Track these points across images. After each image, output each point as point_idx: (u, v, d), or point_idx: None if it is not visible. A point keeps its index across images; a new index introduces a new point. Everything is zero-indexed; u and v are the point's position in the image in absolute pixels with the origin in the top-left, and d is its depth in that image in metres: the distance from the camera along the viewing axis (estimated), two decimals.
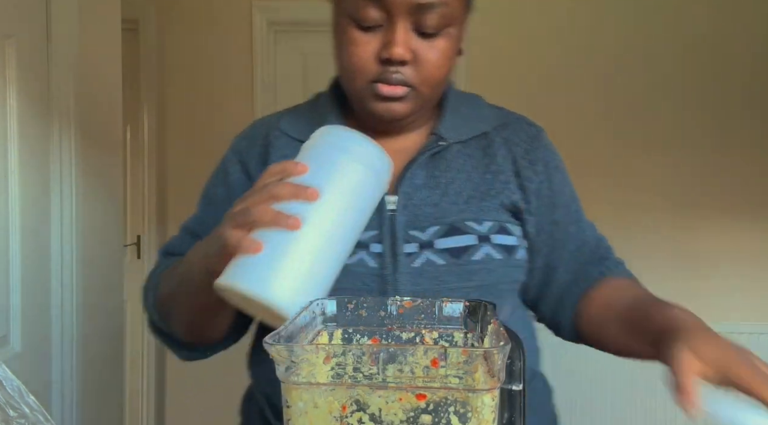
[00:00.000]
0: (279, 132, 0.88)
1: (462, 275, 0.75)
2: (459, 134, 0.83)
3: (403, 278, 0.74)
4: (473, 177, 0.81)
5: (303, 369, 0.46)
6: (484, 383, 0.45)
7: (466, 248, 0.75)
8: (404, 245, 0.76)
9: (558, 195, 0.84)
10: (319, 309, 0.61)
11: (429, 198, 0.79)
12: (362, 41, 0.74)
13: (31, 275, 1.40)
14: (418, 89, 0.75)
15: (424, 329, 0.62)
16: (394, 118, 0.78)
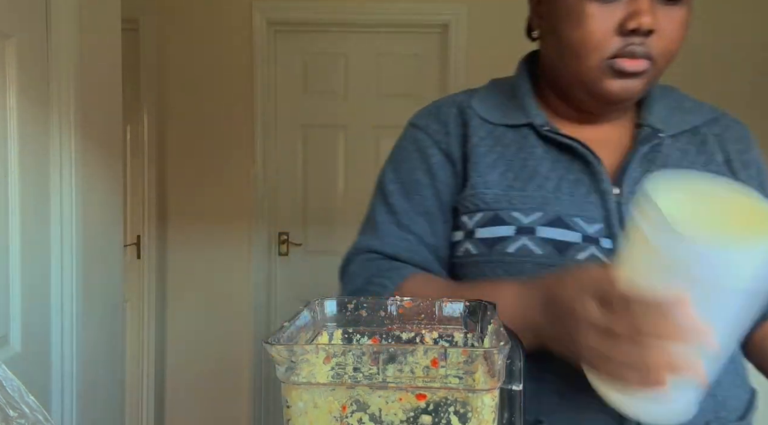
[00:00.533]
0: (471, 111, 0.82)
1: None
2: (669, 127, 0.77)
3: None
4: (693, 172, 0.74)
5: (303, 369, 0.46)
6: (484, 383, 0.45)
7: None
8: None
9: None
10: (319, 309, 0.61)
11: None
12: (601, 15, 0.68)
13: (31, 276, 1.40)
14: (656, 63, 0.70)
15: (424, 329, 0.62)
16: (629, 97, 0.72)
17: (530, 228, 0.71)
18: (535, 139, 0.77)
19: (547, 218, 0.71)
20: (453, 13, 2.70)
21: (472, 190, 0.76)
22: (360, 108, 2.82)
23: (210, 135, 2.78)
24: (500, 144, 0.78)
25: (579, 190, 0.73)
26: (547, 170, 0.75)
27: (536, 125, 0.76)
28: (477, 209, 0.75)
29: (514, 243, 0.71)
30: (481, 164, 0.77)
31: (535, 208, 0.72)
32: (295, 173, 2.86)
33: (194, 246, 2.80)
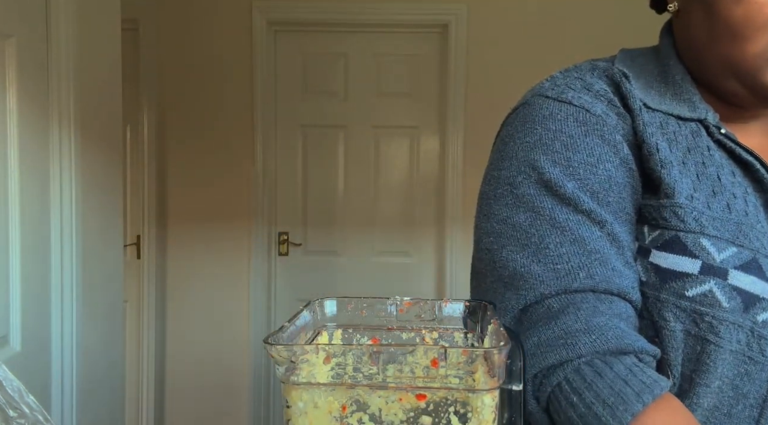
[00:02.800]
0: (631, 89, 0.61)
1: None
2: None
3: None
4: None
5: (303, 369, 0.46)
6: (484, 383, 0.45)
7: None
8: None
9: None
10: (319, 309, 0.61)
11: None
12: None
13: (31, 276, 1.40)
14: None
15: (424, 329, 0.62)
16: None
17: (722, 270, 0.53)
18: (707, 139, 0.59)
19: (742, 259, 0.53)
20: (453, 13, 2.70)
21: (671, 199, 0.56)
22: (360, 108, 2.82)
23: (210, 135, 2.78)
24: (674, 141, 0.59)
25: (761, 215, 0.56)
26: (732, 185, 0.57)
27: (710, 123, 0.59)
28: (657, 226, 0.57)
29: (697, 286, 0.53)
30: (666, 176, 0.57)
31: (730, 240, 0.54)
32: (295, 173, 2.86)
33: (194, 246, 2.80)
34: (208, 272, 2.81)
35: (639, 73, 0.64)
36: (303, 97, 2.84)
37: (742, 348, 0.52)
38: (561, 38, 2.68)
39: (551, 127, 0.60)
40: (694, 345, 0.53)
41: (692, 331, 0.53)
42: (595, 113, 0.60)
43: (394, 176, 2.82)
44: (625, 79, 0.61)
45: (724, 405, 0.54)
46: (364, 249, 2.81)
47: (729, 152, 0.59)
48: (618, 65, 0.64)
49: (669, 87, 0.62)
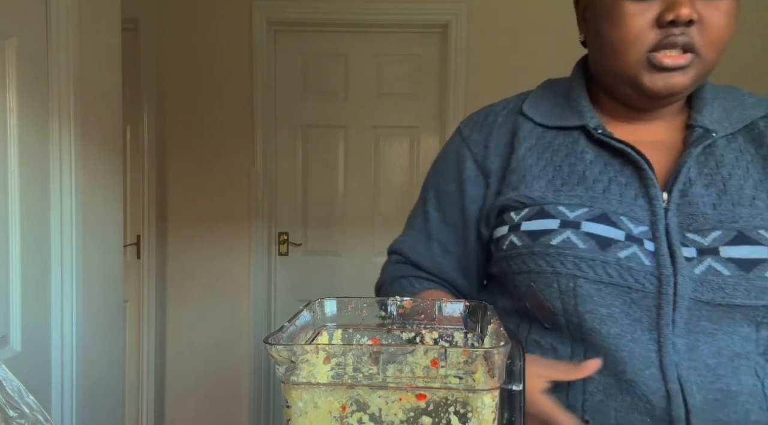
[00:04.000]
0: (523, 118, 0.83)
1: (750, 291, 0.65)
2: (724, 126, 0.75)
3: (685, 283, 0.67)
4: (752, 173, 0.72)
5: (303, 369, 0.46)
6: (484, 383, 0.45)
7: (758, 261, 0.66)
8: (682, 248, 0.68)
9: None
10: (319, 309, 0.61)
11: (706, 198, 0.71)
12: (637, 11, 0.69)
13: (31, 276, 1.40)
14: (702, 56, 0.69)
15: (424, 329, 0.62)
16: (673, 92, 0.72)
17: (575, 223, 0.71)
18: (585, 143, 0.77)
19: (592, 214, 0.71)
20: (453, 13, 2.70)
21: (513, 192, 0.77)
22: (360, 108, 2.82)
23: (210, 135, 2.78)
24: (549, 149, 0.78)
25: (628, 193, 0.73)
26: (597, 174, 0.75)
27: (590, 127, 0.76)
28: (524, 206, 0.76)
29: (557, 236, 0.71)
30: (526, 174, 0.78)
31: (581, 204, 0.73)
32: (295, 173, 2.86)
33: (194, 246, 2.80)
34: (208, 272, 2.81)
35: (547, 97, 0.84)
36: (303, 97, 2.84)
37: (615, 280, 0.68)
38: (560, 38, 2.68)
39: (444, 149, 0.91)
40: (567, 281, 0.70)
41: (561, 271, 0.70)
42: (467, 143, 0.86)
43: (394, 176, 2.82)
44: (518, 112, 0.83)
45: (626, 332, 0.68)
46: (364, 249, 2.81)
47: (610, 148, 0.75)
48: (533, 94, 0.86)
49: (567, 104, 0.81)
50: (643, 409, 0.67)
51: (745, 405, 0.66)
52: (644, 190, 0.72)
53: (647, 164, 0.73)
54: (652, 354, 0.67)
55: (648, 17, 0.69)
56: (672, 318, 0.67)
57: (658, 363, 0.67)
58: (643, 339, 0.68)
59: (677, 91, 0.72)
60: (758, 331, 0.67)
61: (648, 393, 0.67)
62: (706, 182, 0.71)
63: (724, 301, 0.66)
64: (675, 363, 0.66)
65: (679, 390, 0.66)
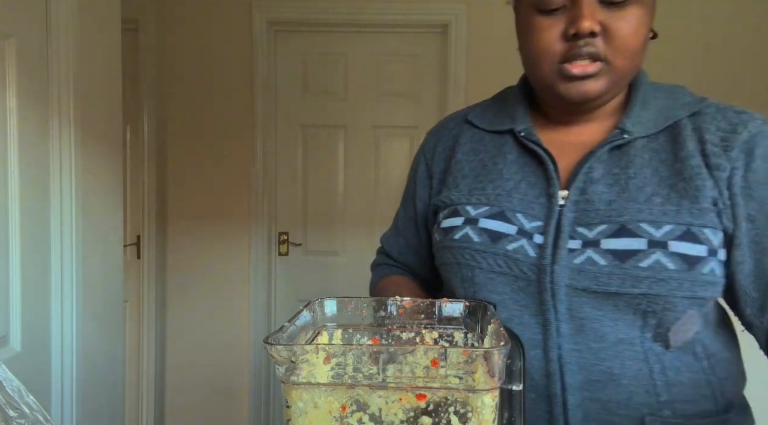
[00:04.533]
0: (467, 125, 0.90)
1: (626, 280, 0.69)
2: (645, 128, 0.77)
3: (561, 271, 0.72)
4: (661, 172, 0.74)
5: (303, 369, 0.46)
6: (484, 383, 0.45)
7: (634, 252, 0.70)
8: (569, 240, 0.73)
9: (757, 187, 0.72)
10: (319, 309, 0.61)
11: (604, 195, 0.75)
12: (547, 25, 0.74)
13: (31, 276, 1.40)
14: (611, 63, 0.73)
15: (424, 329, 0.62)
16: (587, 99, 0.76)
17: (475, 219, 0.80)
18: (512, 144, 0.84)
19: (491, 212, 0.79)
20: (453, 13, 2.70)
21: (446, 192, 0.87)
22: (360, 108, 2.82)
23: (210, 135, 2.78)
24: (483, 151, 0.86)
25: (533, 191, 0.79)
26: (512, 173, 0.82)
27: (516, 130, 0.83)
28: (446, 206, 0.86)
29: (459, 231, 0.80)
30: (458, 175, 0.86)
31: (485, 203, 0.81)
32: (295, 173, 2.86)
33: (194, 246, 2.80)
34: (208, 272, 2.81)
35: (493, 104, 0.92)
36: (303, 97, 2.84)
37: (503, 270, 0.76)
38: None
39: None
40: (467, 271, 0.79)
41: (461, 261, 0.79)
42: (424, 147, 0.95)
43: (394, 176, 2.82)
44: (465, 120, 0.91)
45: (515, 316, 0.75)
46: (364, 249, 2.81)
47: (529, 149, 0.82)
48: (485, 102, 0.94)
49: (505, 109, 0.88)
50: (529, 386, 0.73)
51: (628, 388, 0.71)
52: (547, 188, 0.78)
53: (552, 164, 0.78)
54: (538, 337, 0.73)
55: (556, 30, 0.74)
56: (553, 304, 0.73)
57: (543, 345, 0.73)
58: (531, 323, 0.74)
59: (592, 98, 0.76)
60: (644, 319, 0.70)
61: (532, 371, 0.73)
62: (611, 181, 0.75)
63: (600, 289, 0.70)
64: (558, 345, 0.72)
65: (558, 370, 0.72)
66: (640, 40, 0.73)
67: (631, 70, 0.76)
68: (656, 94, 0.81)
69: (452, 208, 0.83)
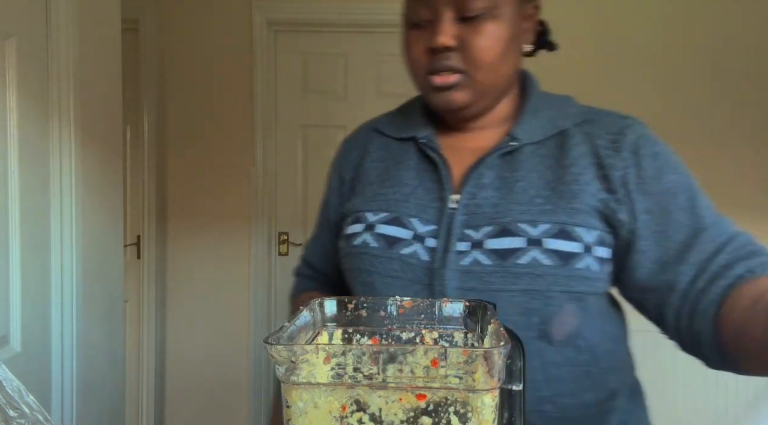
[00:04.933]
0: (376, 133, 0.94)
1: (507, 278, 0.73)
2: (534, 135, 0.81)
3: (450, 275, 0.75)
4: (545, 176, 0.78)
5: (303, 369, 0.46)
6: (484, 383, 0.45)
7: (513, 250, 0.73)
8: (458, 243, 0.76)
9: (651, 182, 0.76)
10: (319, 309, 0.61)
11: (492, 198, 0.78)
12: (415, 39, 0.80)
13: (31, 276, 1.40)
14: (470, 75, 0.77)
15: (424, 329, 0.62)
16: (454, 107, 0.80)
17: (372, 225, 0.82)
18: (414, 151, 0.87)
19: (388, 218, 0.82)
20: None
21: (353, 199, 0.89)
22: (360, 108, 2.82)
23: (210, 135, 2.78)
24: (389, 158, 0.89)
25: (429, 196, 0.82)
26: (411, 179, 0.85)
27: (417, 138, 0.86)
28: (350, 213, 0.88)
29: (359, 238, 0.82)
30: (365, 182, 0.89)
31: (384, 209, 0.83)
32: (295, 173, 2.86)
33: (194, 246, 2.80)
34: (208, 272, 2.81)
35: (399, 112, 0.95)
36: (303, 97, 2.84)
37: (399, 274, 0.79)
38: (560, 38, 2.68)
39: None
40: (366, 276, 0.81)
41: (360, 266, 0.81)
42: (337, 156, 0.98)
43: None
44: (374, 129, 0.94)
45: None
46: None
47: (426, 154, 0.85)
48: (392, 110, 0.96)
49: (410, 119, 0.91)
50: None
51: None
52: (440, 192, 0.81)
53: (445, 169, 0.82)
54: None
55: (423, 44, 0.79)
56: None
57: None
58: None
59: (458, 107, 0.80)
60: (528, 317, 0.73)
61: None
62: (498, 185, 0.79)
63: (485, 288, 0.73)
64: None
65: None
66: (497, 53, 0.77)
67: (494, 81, 0.80)
68: (546, 103, 0.86)
69: (355, 215, 0.86)
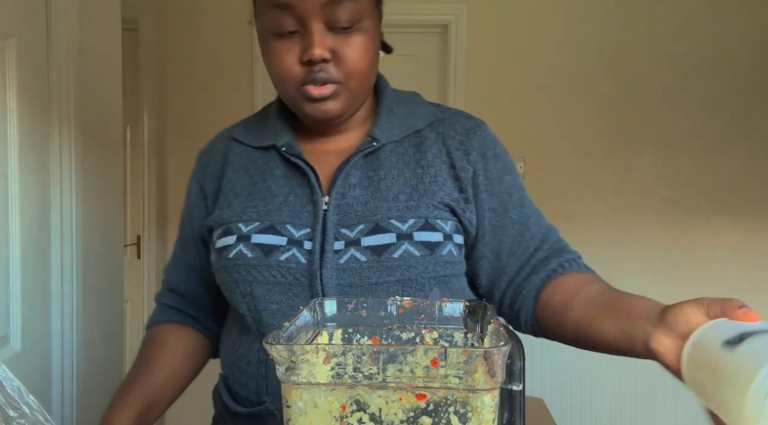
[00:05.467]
0: (234, 142, 0.92)
1: (383, 271, 0.77)
2: (392, 135, 0.85)
3: (329, 274, 0.77)
4: (405, 173, 0.83)
5: (303, 369, 0.46)
6: (484, 383, 0.45)
7: (387, 245, 0.77)
8: (334, 242, 0.79)
9: (495, 183, 0.85)
10: (319, 309, 0.61)
11: (361, 197, 0.81)
12: (284, 49, 0.78)
13: (31, 276, 1.40)
14: (344, 84, 0.79)
15: (424, 329, 0.62)
16: (329, 117, 0.81)
17: (247, 236, 0.81)
18: (277, 159, 0.87)
19: (262, 227, 0.81)
20: (453, 13, 2.70)
21: (219, 211, 0.87)
22: None
23: (210, 135, 2.77)
24: (252, 167, 0.88)
25: (300, 201, 0.83)
26: (279, 187, 0.85)
27: (278, 146, 0.86)
28: (219, 225, 0.86)
29: (233, 250, 0.81)
30: (230, 194, 0.87)
31: (256, 219, 0.82)
32: None
33: None
34: None
35: (255, 120, 0.94)
36: None
37: (278, 280, 0.78)
38: (560, 38, 2.68)
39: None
40: (244, 286, 0.80)
41: (238, 278, 0.80)
42: (195, 168, 0.95)
43: None
44: (231, 138, 0.93)
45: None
46: None
47: (291, 162, 0.85)
48: (249, 118, 0.96)
49: (267, 126, 0.90)
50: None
51: None
52: (311, 196, 0.82)
53: (312, 173, 0.83)
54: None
55: (293, 54, 0.77)
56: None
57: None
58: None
59: (333, 117, 0.81)
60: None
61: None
62: (366, 184, 0.82)
63: (363, 283, 0.77)
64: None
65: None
66: (368, 62, 0.80)
67: (364, 88, 0.82)
68: (398, 102, 0.90)
69: (225, 227, 0.84)
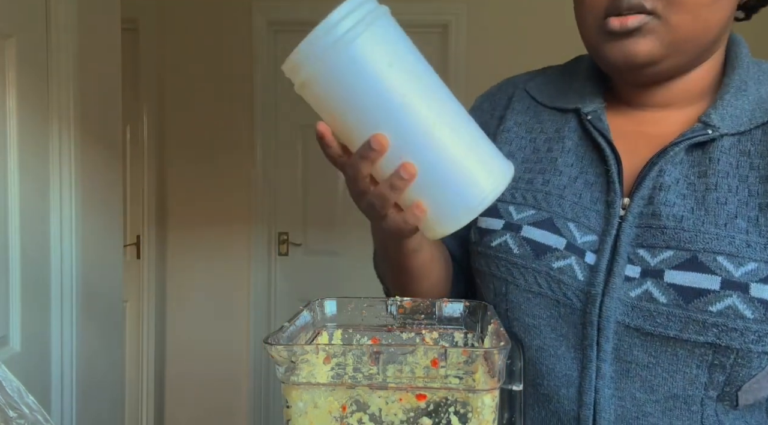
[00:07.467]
0: (524, 93, 0.76)
1: (688, 325, 0.55)
2: (737, 123, 0.60)
3: (613, 305, 0.59)
4: (750, 183, 0.58)
5: (303, 369, 0.46)
6: (484, 383, 0.45)
7: (703, 292, 0.55)
8: (626, 266, 0.59)
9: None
10: (319, 309, 0.61)
11: (677, 209, 0.59)
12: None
13: (31, 276, 1.40)
14: (663, 17, 0.57)
15: (424, 329, 0.62)
16: (632, 62, 0.60)
17: (517, 226, 0.66)
18: (574, 128, 0.69)
19: (537, 218, 0.65)
20: (453, 13, 2.70)
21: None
22: None
23: (210, 135, 2.78)
24: (537, 127, 0.72)
25: (590, 193, 0.64)
26: (567, 165, 0.67)
27: (583, 111, 0.68)
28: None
29: (498, 238, 0.67)
30: (503, 147, 0.71)
31: (531, 205, 0.66)
32: (295, 173, 2.86)
33: (194, 246, 2.80)
34: (208, 272, 2.81)
35: (556, 75, 0.76)
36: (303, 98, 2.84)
37: (543, 291, 0.63)
38: (561, 38, 2.68)
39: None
40: (500, 285, 0.66)
41: (496, 274, 0.66)
42: (477, 112, 0.79)
43: None
44: (521, 88, 0.77)
45: (549, 346, 0.63)
46: (364, 249, 2.81)
47: (590, 135, 0.67)
48: (545, 71, 0.79)
49: (572, 84, 0.73)
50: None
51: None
52: (606, 193, 0.63)
53: (615, 161, 0.63)
54: (574, 374, 0.62)
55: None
56: (597, 341, 0.60)
57: (578, 384, 0.61)
58: (567, 357, 0.62)
59: (639, 62, 0.60)
60: (710, 374, 0.56)
61: (560, 412, 0.62)
62: (685, 191, 0.60)
63: (656, 331, 0.57)
64: (595, 388, 0.60)
65: (591, 417, 0.60)
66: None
67: (695, 31, 0.58)
68: (760, 77, 0.63)
69: (492, 206, 0.66)
